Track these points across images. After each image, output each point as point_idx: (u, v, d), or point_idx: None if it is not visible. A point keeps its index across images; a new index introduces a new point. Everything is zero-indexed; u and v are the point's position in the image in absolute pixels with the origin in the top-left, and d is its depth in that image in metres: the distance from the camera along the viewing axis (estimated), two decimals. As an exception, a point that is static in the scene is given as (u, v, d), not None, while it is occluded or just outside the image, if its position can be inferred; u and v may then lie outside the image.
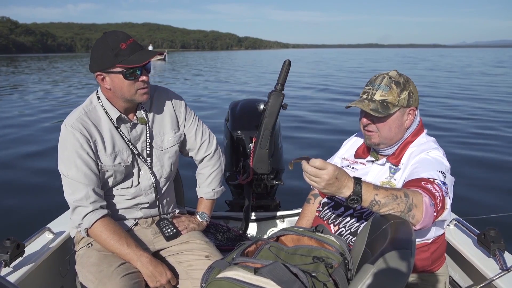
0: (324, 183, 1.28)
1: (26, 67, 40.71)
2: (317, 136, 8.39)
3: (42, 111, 12.18)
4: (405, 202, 1.32)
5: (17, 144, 8.02)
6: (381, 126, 1.62)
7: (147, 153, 1.77)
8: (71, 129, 1.62)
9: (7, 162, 6.74)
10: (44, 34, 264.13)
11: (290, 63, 2.44)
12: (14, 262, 1.71)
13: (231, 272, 1.24)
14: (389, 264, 1.10)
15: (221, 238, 2.35)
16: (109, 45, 1.56)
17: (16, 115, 11.84)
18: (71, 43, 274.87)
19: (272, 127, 2.43)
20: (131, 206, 1.79)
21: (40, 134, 8.99)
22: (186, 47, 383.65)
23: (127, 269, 1.60)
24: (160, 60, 47.51)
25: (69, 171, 1.62)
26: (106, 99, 1.69)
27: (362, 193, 1.30)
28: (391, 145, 1.67)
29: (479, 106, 12.16)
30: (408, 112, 1.63)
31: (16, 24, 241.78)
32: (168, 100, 1.83)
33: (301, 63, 45.18)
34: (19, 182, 5.77)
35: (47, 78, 26.47)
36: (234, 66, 40.92)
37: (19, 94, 16.82)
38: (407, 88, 1.60)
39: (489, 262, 1.77)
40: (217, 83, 21.64)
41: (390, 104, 1.59)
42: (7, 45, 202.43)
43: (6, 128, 9.64)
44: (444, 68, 33.98)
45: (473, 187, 5.17)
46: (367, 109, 1.59)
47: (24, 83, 22.59)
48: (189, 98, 14.04)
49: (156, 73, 29.08)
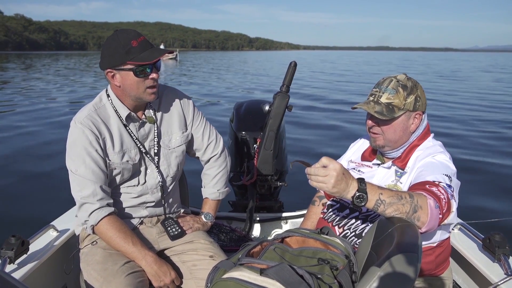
0: (333, 180, 1.26)
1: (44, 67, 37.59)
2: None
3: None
4: (410, 203, 1.32)
5: (24, 141, 8.05)
6: (386, 129, 1.62)
7: (155, 152, 1.78)
8: (80, 126, 1.63)
9: (13, 159, 6.76)
10: (57, 32, 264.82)
11: (296, 65, 2.44)
12: (18, 259, 1.72)
13: (236, 273, 1.24)
14: (395, 267, 1.10)
15: (224, 238, 2.35)
16: (120, 43, 1.57)
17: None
18: (83, 41, 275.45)
19: (277, 129, 2.43)
20: (137, 205, 1.79)
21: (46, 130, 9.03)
22: (197, 47, 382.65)
23: (132, 267, 1.60)
24: (171, 59, 47.86)
25: (78, 168, 1.63)
26: (116, 96, 1.69)
27: (367, 191, 1.30)
28: (396, 148, 1.67)
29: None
30: (414, 116, 1.62)
31: (30, 21, 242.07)
32: (176, 100, 1.83)
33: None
34: (24, 179, 5.79)
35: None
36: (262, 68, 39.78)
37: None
38: (414, 92, 1.60)
39: (494, 267, 1.77)
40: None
41: (396, 108, 1.59)
42: (20, 42, 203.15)
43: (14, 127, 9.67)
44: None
45: (479, 191, 5.16)
46: (371, 111, 1.60)
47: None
48: (204, 98, 14.00)
49: (167, 72, 29.04)
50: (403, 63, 54.49)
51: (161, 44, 72.48)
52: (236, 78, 25.71)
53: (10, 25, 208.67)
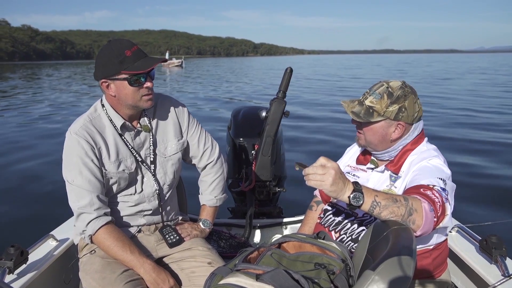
0: (331, 178, 1.28)
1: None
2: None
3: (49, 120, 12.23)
4: (405, 206, 1.33)
5: (21, 151, 8.07)
6: (366, 130, 1.65)
7: (151, 160, 1.79)
8: (76, 136, 1.64)
9: (13, 170, 6.78)
10: (63, 42, 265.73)
11: (292, 71, 2.47)
12: (18, 269, 1.72)
13: (233, 279, 1.24)
14: (390, 270, 1.10)
15: (223, 245, 2.36)
16: (114, 52, 1.58)
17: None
18: (89, 50, 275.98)
19: (274, 134, 2.45)
20: (134, 213, 1.80)
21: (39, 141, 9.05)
22: (202, 54, 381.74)
23: (130, 276, 1.61)
24: (177, 66, 48.22)
25: (74, 178, 1.64)
26: (111, 106, 1.71)
27: (363, 191, 1.32)
28: (379, 151, 1.68)
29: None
30: (397, 126, 1.61)
31: (36, 32, 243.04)
32: (171, 107, 1.85)
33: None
34: (23, 189, 5.80)
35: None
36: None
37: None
38: (400, 102, 1.58)
39: (491, 268, 1.77)
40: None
41: (375, 113, 1.60)
42: (28, 53, 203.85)
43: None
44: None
45: (475, 194, 5.16)
46: (348, 110, 1.63)
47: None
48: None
49: (173, 79, 29.01)
50: (403, 66, 54.46)
51: (167, 52, 72.79)
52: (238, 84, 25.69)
53: (18, 36, 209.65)
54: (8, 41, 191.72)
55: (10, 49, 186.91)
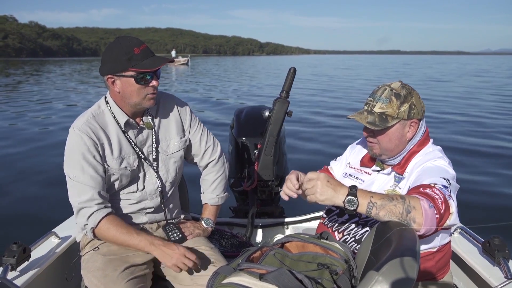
0: (319, 188, 1.37)
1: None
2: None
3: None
4: (402, 203, 1.34)
5: (24, 146, 8.08)
6: (381, 138, 1.63)
7: (153, 158, 1.79)
8: (79, 132, 1.64)
9: (15, 167, 6.78)
10: (70, 38, 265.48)
11: (295, 71, 2.46)
12: (20, 266, 1.73)
13: (236, 278, 1.24)
14: (394, 271, 1.10)
15: (225, 244, 2.35)
16: (122, 49, 1.59)
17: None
18: (95, 47, 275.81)
19: (277, 134, 2.44)
20: (136, 211, 1.80)
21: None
22: (208, 52, 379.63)
23: (132, 273, 1.61)
24: (183, 65, 48.39)
25: (75, 174, 1.64)
26: (115, 103, 1.71)
27: (357, 195, 1.36)
28: (393, 156, 1.67)
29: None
30: (410, 124, 1.62)
31: (43, 28, 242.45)
32: (173, 106, 1.85)
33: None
34: (26, 186, 5.80)
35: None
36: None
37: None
38: (408, 100, 1.59)
39: (494, 270, 1.77)
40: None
41: (389, 117, 1.59)
42: (35, 49, 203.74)
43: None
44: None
45: (478, 195, 5.15)
46: (364, 122, 1.61)
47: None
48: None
49: (179, 77, 29.00)
50: (404, 67, 54.36)
51: (173, 50, 72.83)
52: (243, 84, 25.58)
53: (25, 32, 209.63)
54: (16, 38, 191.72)
55: (18, 46, 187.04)
